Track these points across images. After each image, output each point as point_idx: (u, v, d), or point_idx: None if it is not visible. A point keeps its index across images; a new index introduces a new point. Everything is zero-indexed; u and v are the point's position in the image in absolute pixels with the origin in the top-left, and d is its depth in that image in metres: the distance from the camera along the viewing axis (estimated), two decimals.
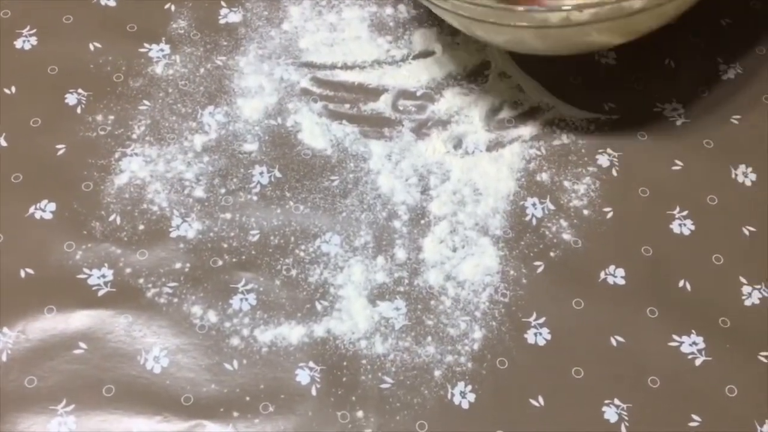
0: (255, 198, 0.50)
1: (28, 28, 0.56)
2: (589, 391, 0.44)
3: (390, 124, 0.54)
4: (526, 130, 0.53)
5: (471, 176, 0.52)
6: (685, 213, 0.50)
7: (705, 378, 0.45)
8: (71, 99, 0.53)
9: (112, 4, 0.57)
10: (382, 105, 0.54)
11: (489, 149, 0.53)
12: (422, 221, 0.50)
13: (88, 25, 0.56)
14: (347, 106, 0.54)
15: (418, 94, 0.55)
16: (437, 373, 0.45)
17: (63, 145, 0.51)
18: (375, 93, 0.55)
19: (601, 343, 0.46)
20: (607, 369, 0.45)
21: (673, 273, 0.48)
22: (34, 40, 0.55)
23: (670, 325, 0.47)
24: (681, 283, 0.48)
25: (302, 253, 0.49)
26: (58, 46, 0.55)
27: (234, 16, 0.57)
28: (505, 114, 0.54)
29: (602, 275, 0.48)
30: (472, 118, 0.54)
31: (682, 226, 0.50)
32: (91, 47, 0.55)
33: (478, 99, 0.54)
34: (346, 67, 0.56)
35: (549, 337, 0.46)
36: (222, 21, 0.57)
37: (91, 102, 0.53)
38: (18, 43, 0.55)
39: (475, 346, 0.46)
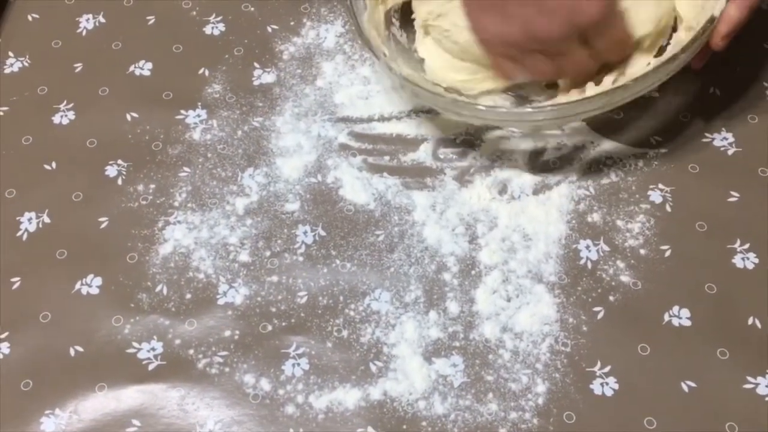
0: (300, 258, 0.49)
1: (65, 102, 0.56)
2: None
3: (432, 173, 0.53)
4: (573, 171, 0.52)
5: (519, 221, 0.50)
6: (746, 246, 0.48)
7: None
8: (111, 171, 0.53)
9: (147, 73, 0.57)
10: (423, 154, 0.53)
11: (535, 192, 0.51)
12: (473, 272, 0.48)
13: (124, 96, 0.56)
14: (387, 158, 0.53)
15: (458, 140, 0.54)
16: (502, 431, 0.43)
17: (106, 218, 0.51)
18: (414, 143, 0.54)
19: (672, 390, 0.44)
20: (681, 417, 0.43)
21: (740, 310, 0.46)
22: (71, 115, 0.56)
23: (743, 366, 0.44)
24: (750, 321, 0.46)
25: (352, 313, 0.47)
26: (95, 118, 0.55)
27: (268, 77, 0.57)
28: (549, 155, 0.53)
29: (666, 317, 0.46)
30: (515, 161, 0.53)
31: (745, 260, 0.48)
32: (129, 117, 0.55)
33: (519, 142, 0.53)
34: (383, 118, 0.55)
35: (616, 386, 0.44)
36: (256, 82, 0.56)
37: (131, 172, 0.53)
38: (56, 119, 0.55)
39: (540, 401, 0.44)
